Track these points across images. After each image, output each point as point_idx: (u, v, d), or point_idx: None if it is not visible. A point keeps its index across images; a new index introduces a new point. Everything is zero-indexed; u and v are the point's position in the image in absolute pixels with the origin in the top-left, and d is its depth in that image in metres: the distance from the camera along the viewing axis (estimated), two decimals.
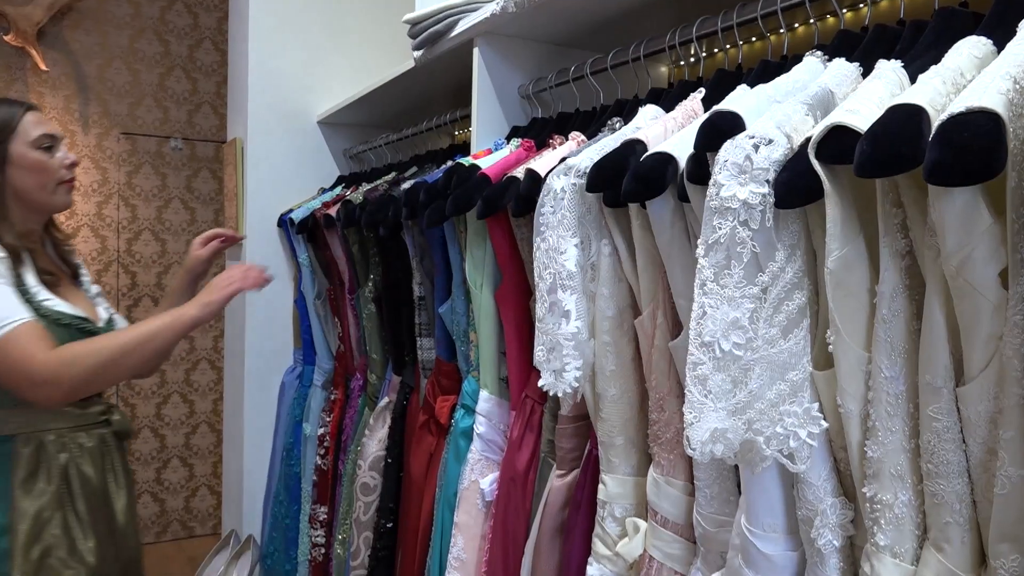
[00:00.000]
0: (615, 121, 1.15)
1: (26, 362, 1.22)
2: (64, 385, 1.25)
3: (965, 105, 0.55)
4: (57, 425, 1.35)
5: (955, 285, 0.59)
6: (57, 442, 1.34)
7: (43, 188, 1.39)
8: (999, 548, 0.60)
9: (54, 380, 1.24)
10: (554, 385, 0.96)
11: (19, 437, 1.31)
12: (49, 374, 1.23)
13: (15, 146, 1.37)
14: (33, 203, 1.40)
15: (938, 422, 0.63)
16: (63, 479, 1.33)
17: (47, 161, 1.39)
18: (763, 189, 0.68)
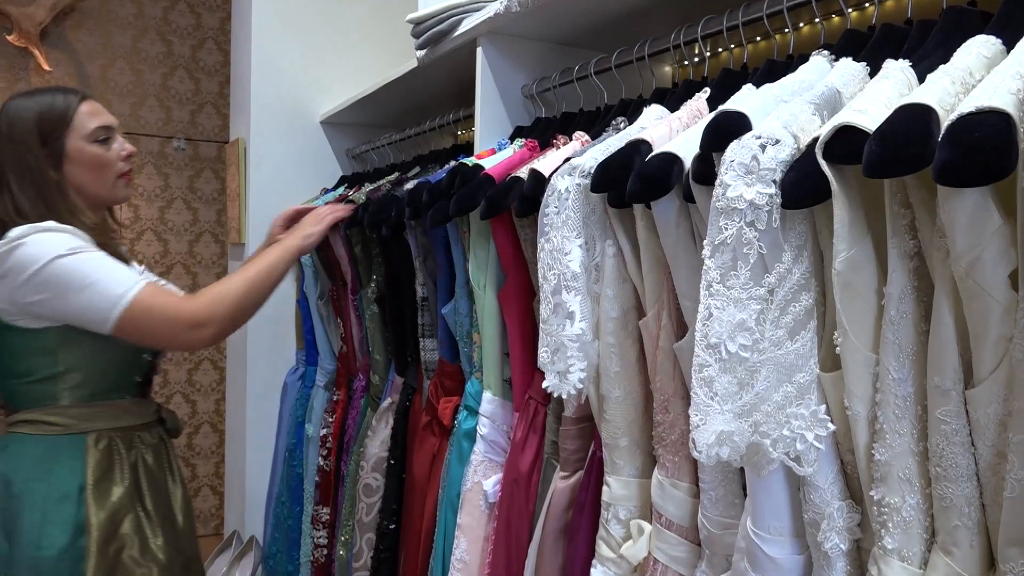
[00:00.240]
0: (619, 121, 1.14)
1: (175, 310, 1.24)
2: (217, 322, 1.27)
3: (975, 105, 0.54)
4: (124, 423, 1.34)
5: (964, 287, 0.58)
6: (125, 439, 1.34)
7: (102, 183, 1.35)
8: (1008, 552, 0.60)
9: (208, 319, 1.26)
10: (558, 387, 0.96)
11: (91, 435, 1.30)
12: (203, 315, 1.25)
13: (71, 141, 1.32)
14: (91, 198, 1.36)
15: (947, 425, 0.62)
16: (133, 476, 1.33)
17: (104, 155, 1.34)
18: (770, 189, 0.67)
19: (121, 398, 1.36)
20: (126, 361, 1.35)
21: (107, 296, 1.20)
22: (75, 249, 1.21)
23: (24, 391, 1.29)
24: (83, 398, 1.30)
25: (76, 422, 1.29)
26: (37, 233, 1.21)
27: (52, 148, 1.29)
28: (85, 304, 1.20)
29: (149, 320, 1.22)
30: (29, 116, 1.29)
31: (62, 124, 1.30)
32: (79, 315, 1.22)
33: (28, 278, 1.19)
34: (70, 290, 1.20)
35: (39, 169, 1.28)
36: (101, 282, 1.21)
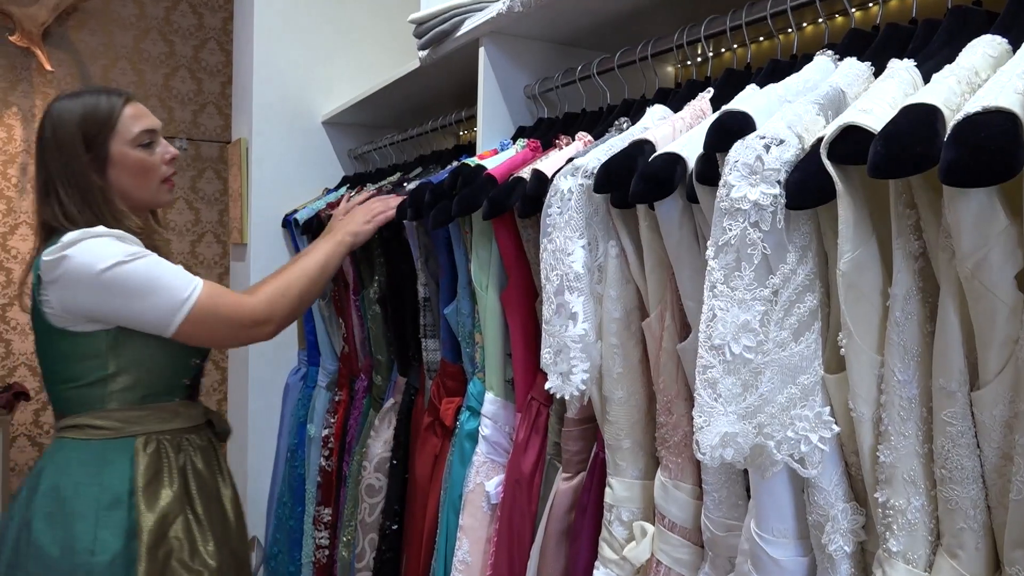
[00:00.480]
0: (622, 121, 1.14)
1: (236, 309, 1.25)
2: (276, 319, 1.29)
3: (981, 105, 0.54)
4: (173, 426, 1.33)
5: (970, 287, 0.58)
6: (174, 442, 1.33)
7: (145, 188, 1.34)
8: (1014, 555, 0.60)
9: (268, 316, 1.28)
10: (561, 387, 0.95)
11: (139, 438, 1.28)
12: (264, 312, 1.27)
13: (115, 146, 1.30)
14: (134, 202, 1.34)
15: (952, 427, 0.62)
16: (183, 480, 1.31)
17: (148, 160, 1.33)
18: (774, 190, 0.67)
19: (170, 400, 1.35)
20: (175, 364, 1.34)
21: (171, 300, 1.21)
22: (134, 255, 1.20)
23: (73, 396, 1.28)
24: (132, 401, 1.29)
25: (124, 425, 1.28)
26: (90, 239, 1.20)
27: (96, 153, 1.28)
28: (149, 309, 1.21)
29: (213, 320, 1.24)
30: (72, 120, 1.28)
31: (106, 129, 1.29)
32: (141, 320, 1.22)
33: (87, 283, 1.18)
34: (133, 296, 1.19)
35: (83, 174, 1.27)
36: (163, 287, 1.21)
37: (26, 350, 3.42)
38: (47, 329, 1.26)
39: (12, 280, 3.40)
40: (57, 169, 1.27)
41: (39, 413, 3.46)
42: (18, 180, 3.41)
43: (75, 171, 1.27)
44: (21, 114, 3.40)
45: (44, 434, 3.46)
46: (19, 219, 3.41)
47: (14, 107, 3.38)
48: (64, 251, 1.19)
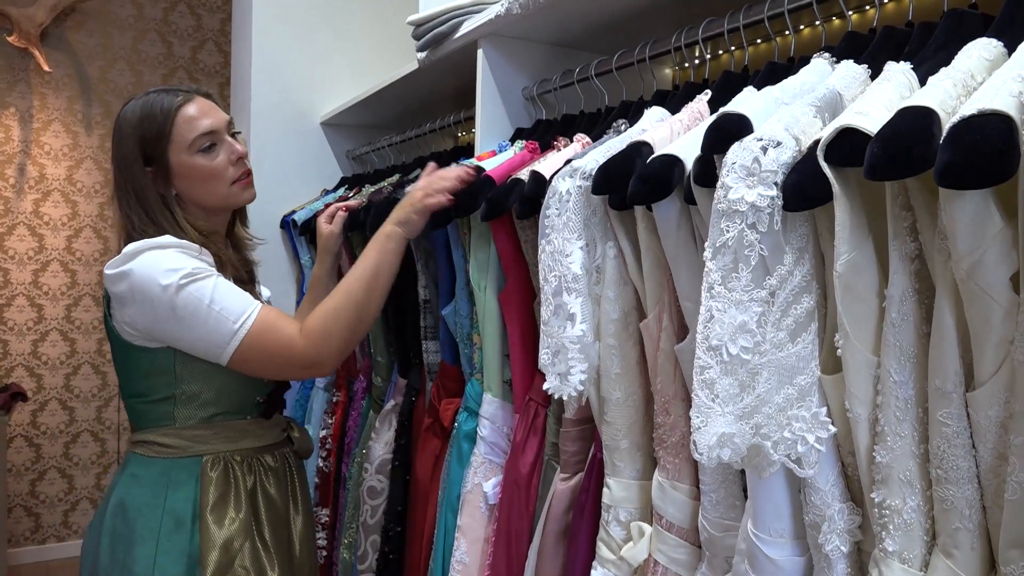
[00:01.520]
0: (620, 123, 1.14)
1: (287, 350, 1.16)
2: (329, 358, 1.19)
3: (977, 107, 0.54)
4: (244, 445, 1.26)
5: (966, 289, 0.59)
6: (244, 463, 1.25)
7: (213, 194, 1.25)
8: (1010, 554, 0.60)
9: (317, 361, 1.18)
10: (559, 388, 0.96)
11: (207, 458, 1.22)
12: (312, 355, 1.17)
13: (174, 156, 1.22)
14: (209, 207, 1.27)
15: (948, 427, 0.62)
16: (251, 504, 1.23)
17: (210, 165, 1.23)
18: (771, 192, 0.67)
19: (241, 419, 1.27)
20: (246, 382, 1.26)
21: (222, 330, 1.14)
22: (192, 276, 1.13)
23: (144, 410, 1.24)
24: (200, 420, 1.23)
25: (191, 444, 1.22)
26: (151, 251, 1.14)
27: (157, 165, 1.22)
28: (200, 337, 1.14)
29: (264, 356, 1.16)
30: (130, 130, 1.22)
31: (162, 140, 1.21)
32: (193, 347, 1.16)
33: (143, 303, 1.13)
34: (185, 321, 1.13)
35: (146, 188, 1.21)
36: (215, 315, 1.13)
37: (23, 351, 3.42)
38: (117, 341, 1.22)
39: (9, 281, 3.40)
40: (121, 184, 1.23)
41: (36, 414, 3.45)
42: (16, 181, 3.41)
43: (136, 188, 1.21)
44: (19, 115, 3.40)
45: (41, 435, 3.46)
46: (16, 220, 3.40)
47: (11, 107, 3.38)
48: (124, 265, 1.14)
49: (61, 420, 3.50)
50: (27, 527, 3.45)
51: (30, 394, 3.38)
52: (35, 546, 3.45)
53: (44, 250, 3.46)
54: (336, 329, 1.18)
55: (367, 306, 1.21)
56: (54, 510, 3.49)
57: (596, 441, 1.05)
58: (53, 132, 3.46)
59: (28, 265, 3.43)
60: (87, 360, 3.54)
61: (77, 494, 3.53)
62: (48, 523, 3.48)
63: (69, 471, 3.52)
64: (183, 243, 1.18)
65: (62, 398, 3.50)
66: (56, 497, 3.50)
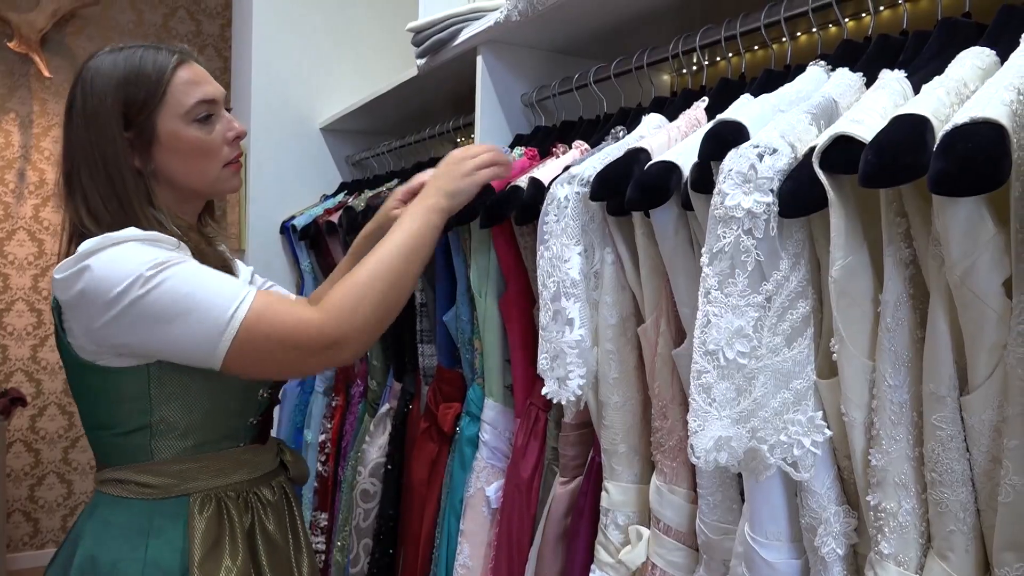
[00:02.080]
0: (618, 130, 1.15)
1: (299, 328, 0.93)
2: (353, 339, 0.97)
3: (969, 116, 0.55)
4: (238, 478, 1.05)
5: (959, 295, 0.59)
6: (239, 500, 1.04)
7: (200, 174, 1.05)
8: (1004, 556, 0.61)
9: (339, 339, 0.95)
10: (558, 393, 0.96)
11: (195, 498, 1.00)
12: (333, 331, 0.95)
13: (163, 121, 1.00)
14: (185, 191, 1.06)
15: (942, 431, 0.63)
16: (249, 548, 1.03)
17: (205, 139, 1.03)
18: (767, 198, 0.68)
19: (233, 447, 1.06)
20: (237, 401, 1.05)
21: (211, 323, 0.91)
22: (162, 264, 0.91)
23: (113, 445, 1.02)
24: (185, 451, 1.01)
25: (176, 482, 1.00)
26: (110, 248, 0.92)
27: (139, 130, 1.00)
28: (185, 336, 0.91)
29: (267, 345, 0.93)
30: (109, 85, 0.99)
31: (151, 102, 1.00)
32: (179, 351, 0.93)
33: (105, 310, 0.90)
34: (164, 320, 0.90)
35: (117, 157, 0.99)
36: (201, 305, 0.91)
37: (22, 356, 3.42)
38: (74, 363, 0.98)
39: (9, 286, 3.40)
40: (84, 149, 0.99)
41: (35, 419, 3.45)
42: (15, 186, 3.41)
43: (107, 154, 0.98)
44: (19, 120, 3.41)
45: (40, 439, 3.46)
46: (16, 225, 3.41)
47: (12, 113, 3.39)
48: (79, 264, 0.91)
49: (60, 425, 3.50)
50: (26, 532, 3.44)
51: (29, 399, 3.38)
52: (34, 551, 3.44)
53: (44, 255, 3.46)
54: (366, 302, 0.97)
55: (404, 280, 1.01)
56: (53, 515, 3.49)
57: (595, 445, 1.06)
58: (53, 137, 3.47)
59: (28, 270, 3.44)
60: None
61: (76, 499, 3.53)
62: (47, 528, 3.48)
63: (68, 476, 3.52)
64: (155, 236, 0.96)
65: (61, 403, 3.50)
66: (55, 502, 3.49)
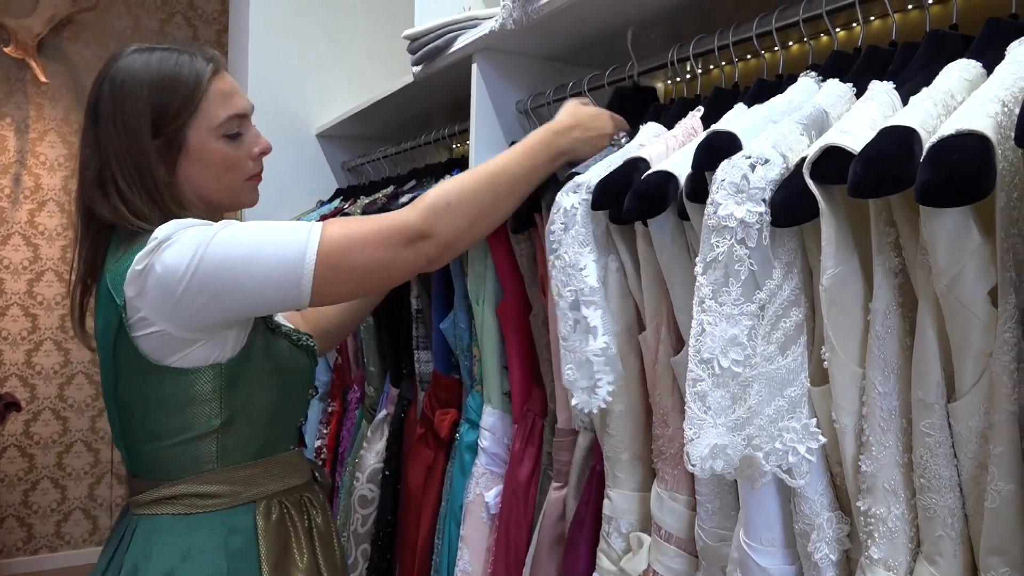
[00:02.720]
0: (620, 136, 1.15)
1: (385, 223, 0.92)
2: (441, 233, 0.94)
3: (955, 128, 0.56)
4: (291, 482, 1.04)
5: (946, 303, 0.60)
6: (296, 503, 1.04)
7: (224, 187, 1.04)
8: (990, 561, 0.62)
9: (427, 228, 0.93)
10: (588, 403, 0.93)
11: (261, 503, 0.99)
12: (418, 222, 0.92)
13: (194, 133, 0.99)
14: (208, 202, 1.04)
15: (930, 437, 0.64)
16: (311, 548, 1.03)
17: (232, 155, 1.02)
18: (760, 208, 0.69)
19: (287, 450, 1.06)
20: (293, 401, 1.07)
21: (292, 244, 0.89)
22: (223, 224, 0.92)
23: (174, 455, 0.96)
24: (248, 456, 0.99)
25: (243, 488, 0.97)
26: (189, 228, 0.92)
27: (167, 139, 0.98)
28: (267, 270, 0.89)
29: (352, 247, 0.90)
30: (142, 90, 0.96)
31: (185, 111, 0.97)
32: (263, 291, 0.90)
33: (187, 277, 0.88)
34: (239, 266, 0.88)
35: (148, 164, 0.97)
36: (276, 236, 0.90)
37: (17, 360, 3.42)
38: (137, 365, 0.94)
39: (4, 291, 3.40)
40: (116, 153, 0.96)
41: (29, 424, 3.44)
42: (11, 191, 3.41)
43: (139, 162, 0.96)
44: (15, 125, 3.41)
45: (34, 445, 3.45)
46: (12, 230, 3.41)
47: (8, 118, 3.39)
48: (154, 247, 0.90)
49: (54, 430, 3.49)
50: (19, 537, 3.43)
51: (23, 404, 3.38)
52: (27, 556, 3.43)
53: (39, 260, 3.46)
54: (461, 202, 0.95)
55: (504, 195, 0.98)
56: (47, 520, 3.48)
57: (596, 453, 1.06)
58: (49, 143, 3.47)
59: (23, 275, 3.43)
60: (81, 370, 3.54)
61: (70, 504, 3.52)
62: (41, 534, 3.47)
63: (62, 481, 3.51)
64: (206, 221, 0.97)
65: (55, 408, 3.50)
66: (49, 507, 3.48)
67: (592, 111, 1.08)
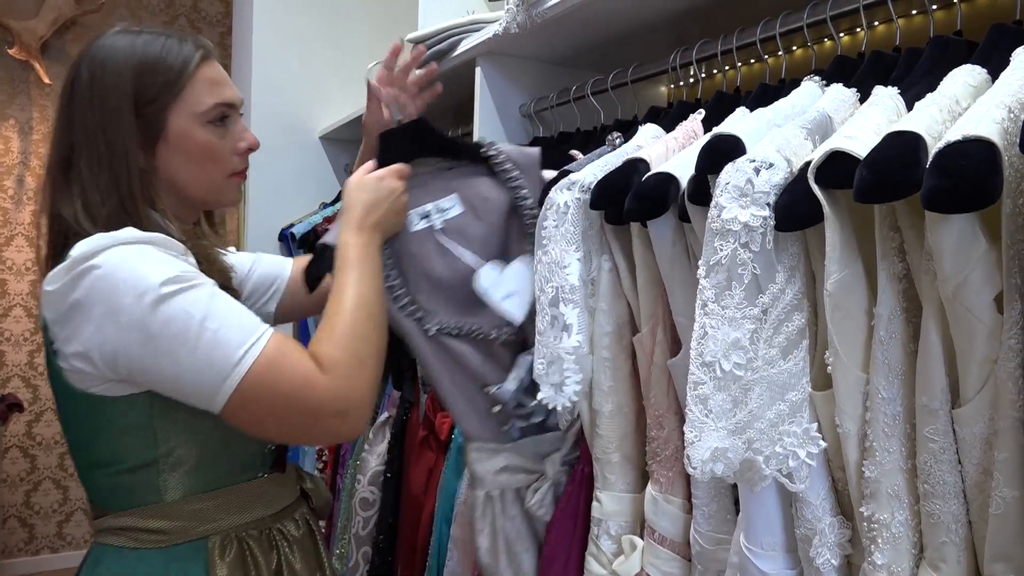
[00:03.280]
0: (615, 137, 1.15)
1: (307, 390, 0.82)
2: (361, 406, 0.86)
3: (961, 133, 0.56)
4: (259, 514, 0.93)
5: (951, 309, 0.60)
6: (262, 539, 0.92)
7: (205, 181, 0.95)
8: (994, 567, 0.61)
9: (349, 404, 0.84)
10: (553, 398, 0.95)
11: (214, 541, 0.88)
12: (342, 398, 0.83)
13: (177, 117, 0.91)
14: (186, 197, 0.96)
15: (934, 443, 0.64)
16: None
17: (216, 145, 0.94)
18: (764, 212, 0.69)
19: (252, 478, 0.95)
20: None
21: (217, 360, 0.80)
22: (177, 283, 0.81)
23: (116, 484, 0.89)
24: (197, 488, 0.89)
25: (192, 524, 0.88)
26: (118, 248, 0.81)
27: (149, 122, 0.90)
28: (187, 370, 0.80)
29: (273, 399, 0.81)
30: (126, 68, 0.89)
31: (168, 95, 0.90)
32: (177, 387, 0.82)
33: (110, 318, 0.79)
34: (164, 349, 0.79)
35: (123, 146, 0.88)
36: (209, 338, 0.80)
37: (19, 361, 3.42)
38: (65, 392, 0.86)
39: (7, 291, 3.40)
40: (89, 132, 0.88)
41: (32, 424, 3.45)
42: (14, 192, 3.42)
43: (114, 141, 0.88)
44: (18, 126, 3.41)
45: (36, 445, 3.46)
46: (15, 231, 3.42)
47: (11, 119, 3.39)
48: (79, 267, 0.80)
49: (56, 431, 3.49)
50: (21, 538, 3.43)
51: (26, 404, 3.38)
52: (29, 557, 3.43)
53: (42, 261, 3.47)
54: (367, 355, 0.87)
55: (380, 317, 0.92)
56: (48, 521, 3.48)
57: (583, 455, 1.06)
58: None
59: (26, 276, 3.44)
60: None
61: (72, 505, 3.52)
62: (42, 534, 3.47)
63: (64, 482, 3.51)
64: (160, 238, 0.85)
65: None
66: (50, 508, 3.49)
67: (368, 183, 1.00)
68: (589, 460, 1.03)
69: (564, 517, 1.06)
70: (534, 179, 1.08)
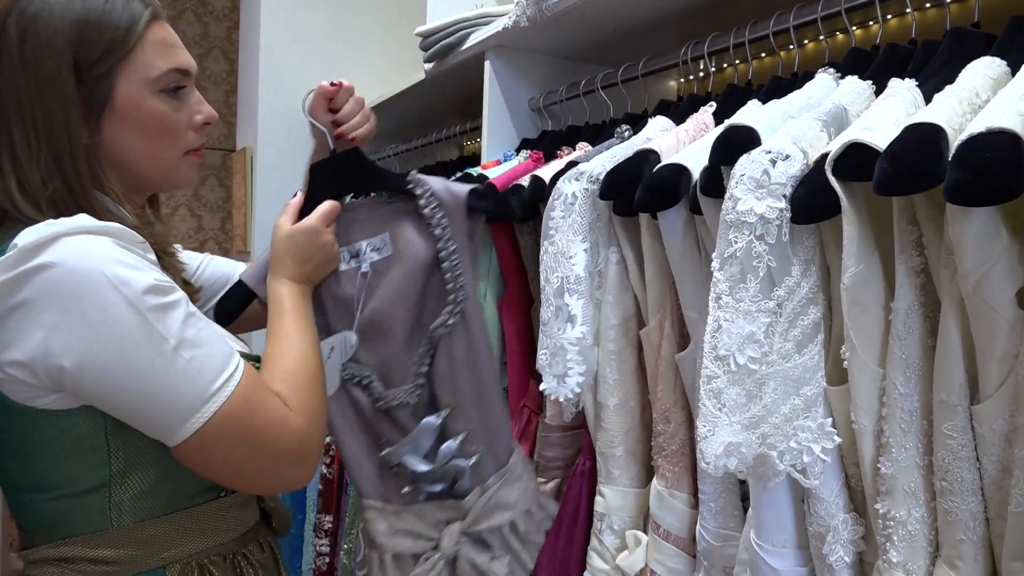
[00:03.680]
0: (624, 129, 1.14)
1: (281, 433, 0.76)
2: (318, 450, 0.81)
3: (985, 125, 0.55)
4: (222, 538, 0.84)
5: (971, 304, 0.59)
6: (226, 566, 0.83)
7: (159, 158, 0.83)
8: (1013, 566, 0.61)
9: (312, 449, 0.79)
10: (556, 390, 0.94)
11: (173, 569, 0.79)
12: (309, 442, 0.78)
13: (124, 83, 0.78)
14: (134, 175, 0.83)
15: (953, 440, 0.63)
16: None
17: (170, 117, 0.82)
18: (780, 204, 0.68)
19: (213, 499, 0.83)
20: None
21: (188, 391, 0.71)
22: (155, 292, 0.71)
23: (57, 511, 0.76)
24: (155, 511, 0.78)
25: (147, 552, 0.77)
26: (69, 241, 0.69)
27: (90, 89, 0.77)
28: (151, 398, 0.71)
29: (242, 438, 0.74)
30: (62, 26, 0.75)
31: (115, 52, 0.77)
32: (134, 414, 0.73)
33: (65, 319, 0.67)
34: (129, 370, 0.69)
35: (64, 117, 0.76)
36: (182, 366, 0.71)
37: None
38: (7, 408, 0.73)
39: None
40: (19, 101, 0.75)
41: None
42: None
43: (52, 111, 0.75)
44: None
45: None
46: None
47: None
48: (28, 263, 0.67)
49: None
50: None
51: None
52: None
53: None
54: (323, 401, 0.83)
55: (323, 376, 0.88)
56: None
57: (586, 449, 1.05)
58: None
59: None
60: None
61: None
62: None
63: None
64: (115, 228, 0.73)
65: None
66: None
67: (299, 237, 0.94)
68: (591, 454, 1.03)
69: (565, 511, 1.06)
70: (459, 223, 0.98)
